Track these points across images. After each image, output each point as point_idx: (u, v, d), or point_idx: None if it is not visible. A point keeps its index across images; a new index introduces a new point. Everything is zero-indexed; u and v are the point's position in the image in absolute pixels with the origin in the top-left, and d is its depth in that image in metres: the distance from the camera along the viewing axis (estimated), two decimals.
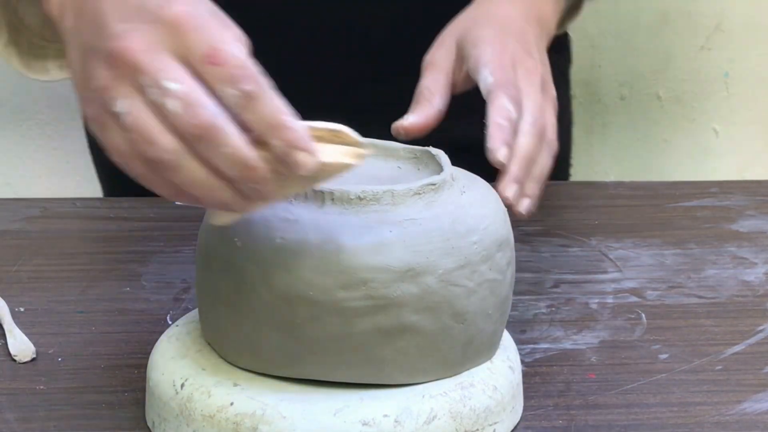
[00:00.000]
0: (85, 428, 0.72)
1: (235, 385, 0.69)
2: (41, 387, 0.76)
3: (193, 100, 0.59)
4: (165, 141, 0.60)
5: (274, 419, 0.67)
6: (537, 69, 0.84)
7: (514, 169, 0.77)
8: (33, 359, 0.79)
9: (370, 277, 0.66)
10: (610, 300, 0.90)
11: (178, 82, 0.59)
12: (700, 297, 0.91)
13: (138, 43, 0.60)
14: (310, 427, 0.66)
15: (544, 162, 0.80)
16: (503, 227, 0.72)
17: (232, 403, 0.68)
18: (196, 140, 0.59)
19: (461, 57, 0.85)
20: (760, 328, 0.86)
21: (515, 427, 0.72)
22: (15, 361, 0.79)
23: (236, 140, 0.59)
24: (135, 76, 0.60)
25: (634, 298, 0.90)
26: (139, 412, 0.73)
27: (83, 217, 1.03)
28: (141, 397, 0.74)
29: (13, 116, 1.73)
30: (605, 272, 0.95)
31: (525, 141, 0.78)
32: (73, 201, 1.06)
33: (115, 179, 1.07)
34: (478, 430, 0.69)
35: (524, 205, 0.77)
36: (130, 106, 0.60)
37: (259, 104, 0.60)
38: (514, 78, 0.82)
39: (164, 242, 0.98)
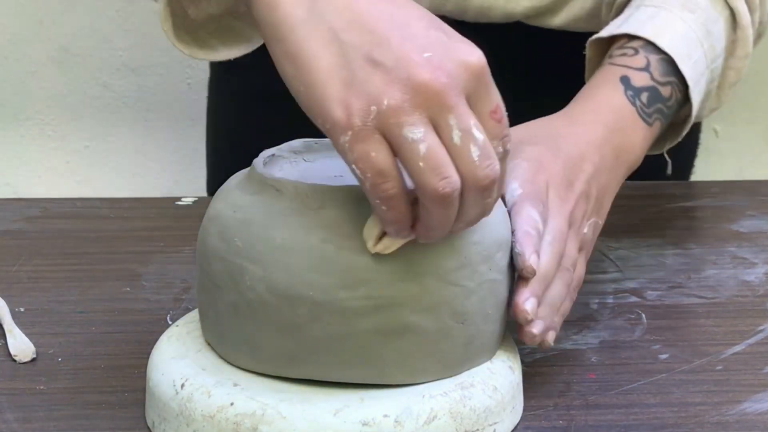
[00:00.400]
0: (85, 428, 0.72)
1: (235, 385, 0.69)
2: (41, 387, 0.76)
3: (488, 153, 0.63)
4: (455, 179, 0.62)
5: (274, 419, 0.67)
6: (569, 201, 0.78)
7: (532, 286, 0.73)
8: (33, 359, 0.79)
9: (370, 277, 0.66)
10: (610, 300, 0.90)
11: (481, 133, 0.62)
12: (700, 297, 0.91)
13: (450, 84, 0.62)
14: (310, 427, 0.66)
15: (558, 289, 0.75)
16: (503, 227, 0.72)
17: (232, 403, 0.68)
18: (479, 189, 0.63)
19: None
20: (760, 328, 0.86)
21: (515, 427, 0.72)
22: (15, 361, 0.79)
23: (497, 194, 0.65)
24: (440, 113, 0.62)
25: (634, 298, 0.90)
26: (139, 412, 0.73)
27: (83, 217, 1.03)
28: (141, 397, 0.74)
29: (13, 116, 1.73)
30: (605, 272, 0.95)
31: (543, 259, 0.74)
32: (73, 201, 1.06)
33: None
34: (478, 430, 0.69)
35: (537, 328, 0.73)
36: (424, 135, 0.61)
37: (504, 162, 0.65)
38: (545, 197, 0.76)
39: (164, 242, 0.98)
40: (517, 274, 0.73)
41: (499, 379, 0.71)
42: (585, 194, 0.80)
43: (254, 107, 1.14)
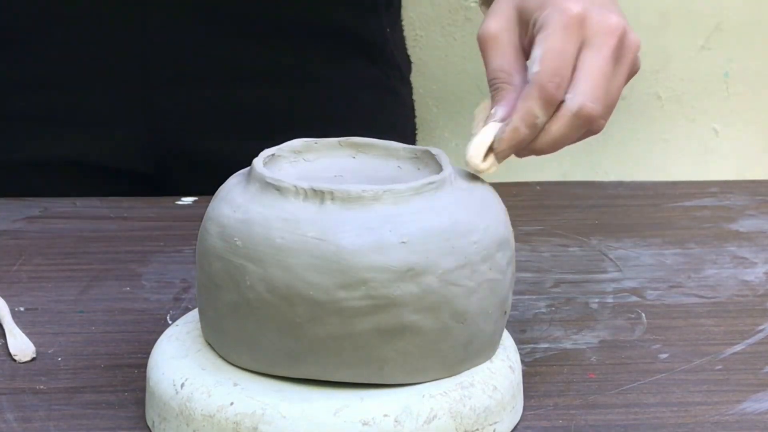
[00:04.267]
0: (85, 428, 0.72)
1: (235, 385, 0.69)
2: (41, 387, 0.76)
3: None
4: None
5: (274, 419, 0.67)
6: (618, 28, 0.75)
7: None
8: (33, 359, 0.79)
9: (370, 277, 0.66)
10: (610, 300, 0.90)
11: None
12: (700, 297, 0.91)
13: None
14: (310, 427, 0.66)
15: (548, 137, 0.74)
16: (503, 227, 0.72)
17: (232, 403, 0.68)
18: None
19: (525, 22, 0.75)
20: (760, 328, 0.86)
21: (515, 427, 0.72)
22: (15, 361, 0.79)
23: None
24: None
25: (634, 298, 0.90)
26: (139, 412, 0.73)
27: (83, 217, 1.03)
28: (141, 397, 0.74)
29: None
30: (605, 272, 0.95)
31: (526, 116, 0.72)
32: (73, 201, 1.06)
33: None
34: (478, 429, 0.69)
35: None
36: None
37: None
38: (568, 61, 0.73)
39: (164, 242, 0.98)
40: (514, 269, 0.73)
41: (499, 379, 0.71)
42: (619, 12, 0.78)
43: None
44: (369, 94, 1.03)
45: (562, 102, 0.72)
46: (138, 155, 1.10)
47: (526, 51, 0.75)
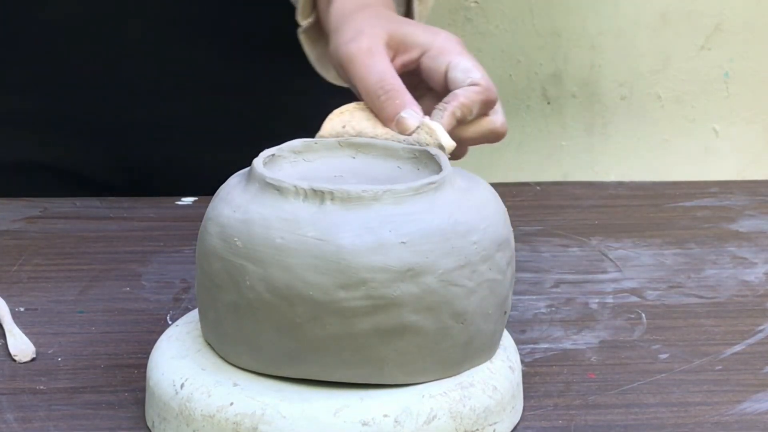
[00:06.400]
0: (85, 428, 0.72)
1: (235, 385, 0.69)
2: (41, 387, 0.76)
3: None
4: None
5: (274, 419, 0.67)
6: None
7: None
8: (33, 359, 0.79)
9: (370, 277, 0.66)
10: (610, 300, 0.90)
11: None
12: (700, 297, 0.91)
13: None
14: (310, 427, 0.66)
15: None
16: (503, 227, 0.72)
17: (232, 403, 0.68)
18: None
19: (394, 47, 0.82)
20: (760, 328, 0.86)
21: (515, 427, 0.72)
22: (15, 361, 0.79)
23: None
24: None
25: (634, 298, 0.90)
26: (139, 412, 0.73)
27: (83, 217, 1.03)
28: (141, 397, 0.74)
29: None
30: (605, 272, 0.95)
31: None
32: (73, 201, 1.06)
33: None
34: (478, 430, 0.69)
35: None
36: None
37: None
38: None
39: (164, 242, 0.98)
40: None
41: (499, 379, 0.71)
42: None
43: None
44: (341, 100, 1.05)
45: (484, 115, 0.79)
46: (110, 165, 1.11)
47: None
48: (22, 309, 0.86)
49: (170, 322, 0.83)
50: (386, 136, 0.76)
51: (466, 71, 0.79)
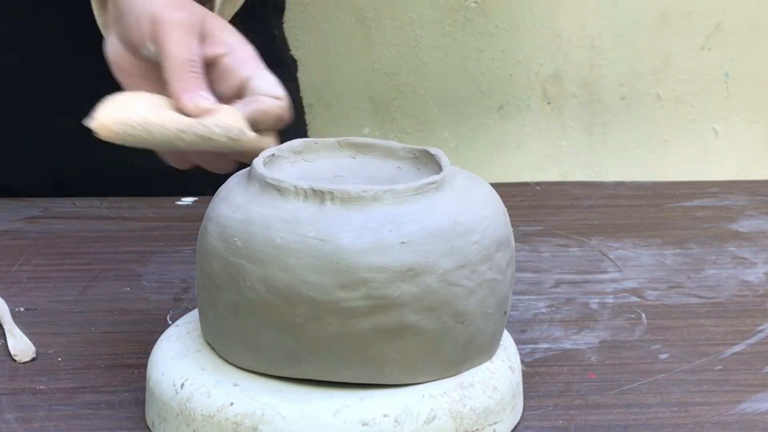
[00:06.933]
0: (85, 428, 0.72)
1: (235, 385, 0.69)
2: (41, 387, 0.76)
3: None
4: None
5: (274, 419, 0.67)
6: None
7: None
8: (33, 359, 0.79)
9: (370, 277, 0.66)
10: (610, 300, 0.90)
11: None
12: (700, 297, 0.91)
13: None
14: (310, 427, 0.66)
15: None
16: (503, 227, 0.72)
17: (232, 403, 0.68)
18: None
19: (205, 37, 0.82)
20: (760, 328, 0.86)
21: (515, 427, 0.72)
22: (15, 361, 0.79)
23: None
24: None
25: (634, 298, 0.90)
26: (139, 412, 0.73)
27: (83, 217, 1.03)
28: (141, 397, 0.74)
29: None
30: (605, 272, 0.95)
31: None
32: (73, 201, 1.06)
33: None
34: (478, 430, 0.69)
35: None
36: None
37: None
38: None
39: (164, 242, 0.98)
40: None
41: (499, 379, 0.71)
42: None
43: None
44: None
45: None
46: (35, 178, 1.11)
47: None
48: (22, 309, 0.86)
49: (170, 322, 0.83)
50: (171, 123, 0.76)
51: (272, 85, 0.80)
